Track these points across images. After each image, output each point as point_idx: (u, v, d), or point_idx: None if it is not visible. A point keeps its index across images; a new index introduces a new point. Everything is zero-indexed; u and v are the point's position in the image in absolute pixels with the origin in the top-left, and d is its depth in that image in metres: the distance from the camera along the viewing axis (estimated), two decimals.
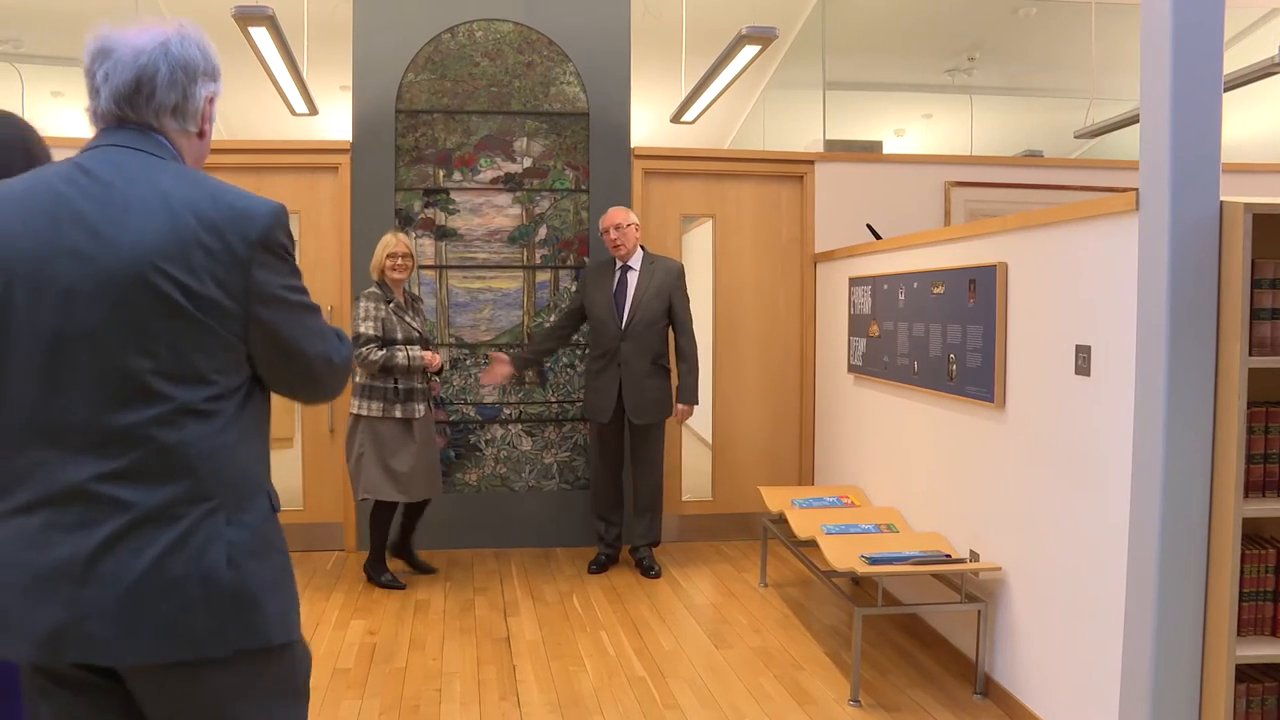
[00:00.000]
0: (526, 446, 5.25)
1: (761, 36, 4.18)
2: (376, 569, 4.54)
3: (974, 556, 3.48)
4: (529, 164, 5.21)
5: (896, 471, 4.21)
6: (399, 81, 5.09)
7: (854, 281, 4.71)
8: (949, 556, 3.46)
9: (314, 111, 5.37)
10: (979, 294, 3.42)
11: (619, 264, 4.72)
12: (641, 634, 3.94)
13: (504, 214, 5.21)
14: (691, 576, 4.76)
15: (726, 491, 5.51)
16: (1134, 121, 5.41)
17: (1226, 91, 2.62)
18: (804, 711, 3.21)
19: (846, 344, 4.82)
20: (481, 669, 3.57)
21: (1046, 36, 7.36)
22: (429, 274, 5.14)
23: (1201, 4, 2.29)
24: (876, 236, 5.02)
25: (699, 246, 6.23)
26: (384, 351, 4.30)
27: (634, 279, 4.69)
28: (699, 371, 4.73)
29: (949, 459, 3.70)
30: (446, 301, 5.17)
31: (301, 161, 5.11)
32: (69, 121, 7.66)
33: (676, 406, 4.72)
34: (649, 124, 7.53)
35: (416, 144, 5.14)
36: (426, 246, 5.12)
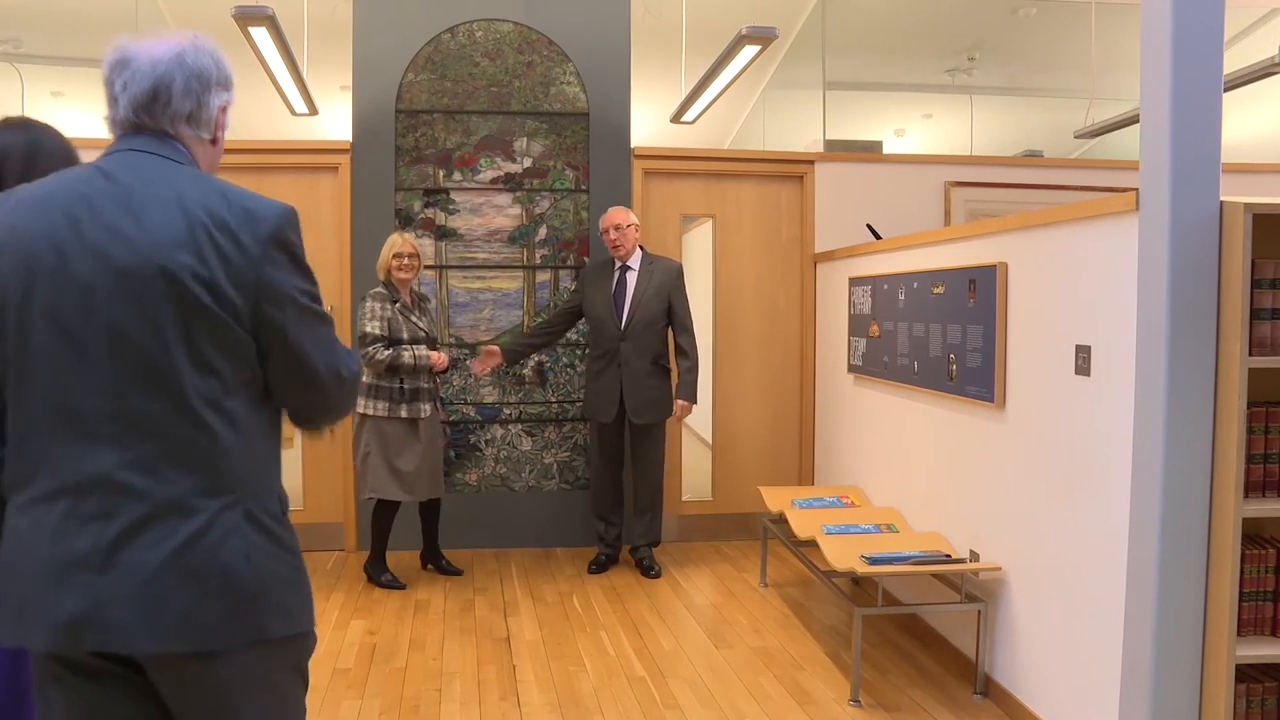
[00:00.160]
0: (526, 446, 5.25)
1: (761, 36, 4.18)
2: (377, 568, 4.54)
3: (974, 556, 3.48)
4: (529, 164, 5.21)
5: (896, 471, 4.21)
6: (399, 81, 5.09)
7: (854, 281, 4.71)
8: (949, 556, 3.46)
9: (314, 111, 5.37)
10: (979, 294, 3.42)
11: (618, 264, 4.72)
12: (641, 634, 3.94)
13: (504, 214, 5.21)
14: (691, 576, 4.76)
15: (726, 491, 5.51)
16: (1134, 121, 5.41)
17: (1226, 91, 2.62)
18: (804, 711, 3.21)
19: (846, 344, 4.82)
20: (481, 669, 3.57)
21: (1046, 36, 7.36)
22: (429, 274, 5.14)
23: (1201, 4, 2.29)
24: (876, 236, 5.02)
25: (699, 246, 6.23)
26: (390, 351, 4.31)
27: (633, 279, 4.69)
28: (699, 370, 4.73)
29: (949, 459, 3.70)
30: (446, 301, 5.17)
31: (301, 161, 5.11)
32: (68, 121, 7.66)
33: (675, 403, 4.71)
34: (649, 124, 7.52)
35: (416, 144, 5.14)
36: (426, 246, 5.12)
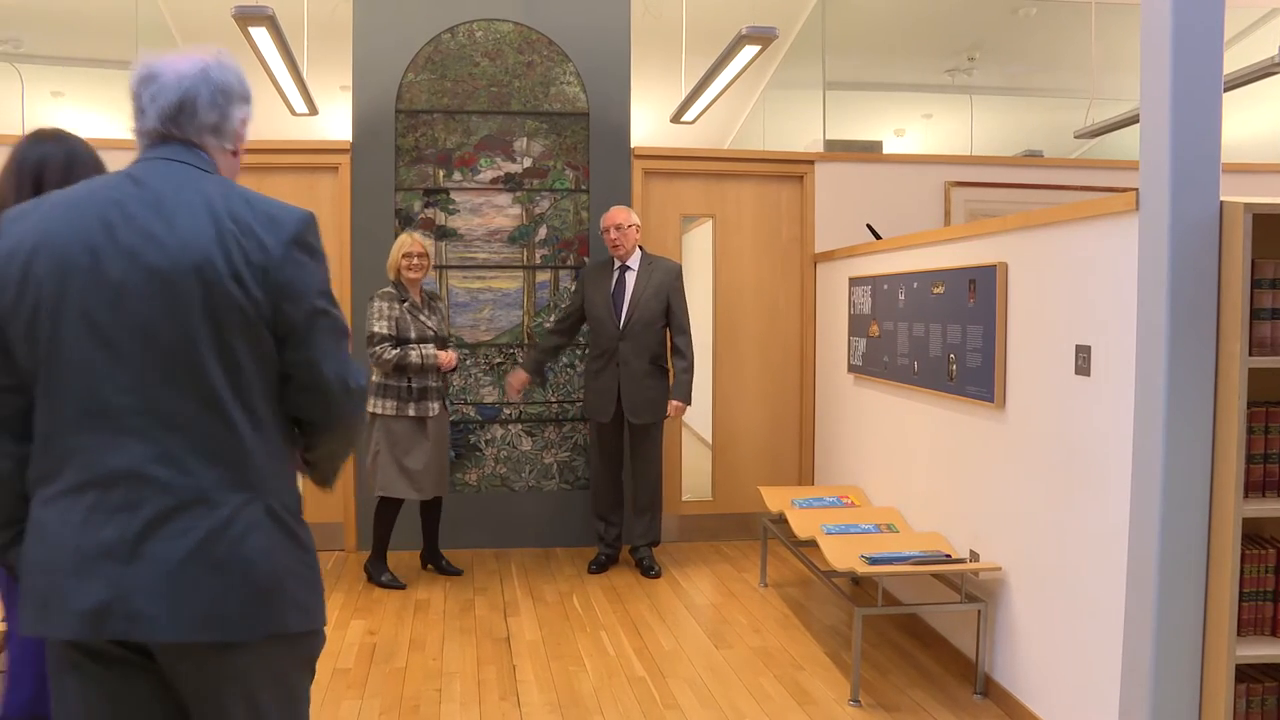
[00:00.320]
0: (526, 446, 5.25)
1: (761, 36, 4.18)
2: (377, 568, 4.54)
3: (974, 556, 3.48)
4: (529, 164, 5.21)
5: (896, 471, 4.21)
6: (399, 81, 5.09)
7: (854, 281, 4.71)
8: (949, 556, 3.46)
9: (314, 111, 5.37)
10: (979, 294, 3.42)
11: (617, 264, 4.72)
12: (641, 634, 3.94)
13: (504, 214, 5.21)
14: (691, 576, 4.76)
15: (726, 491, 5.51)
16: (1134, 121, 5.41)
17: (1226, 91, 2.62)
18: (804, 711, 3.21)
19: (846, 344, 4.82)
20: (481, 669, 3.57)
21: (1046, 36, 7.36)
22: (430, 274, 5.13)
23: (1201, 4, 2.29)
24: (876, 236, 5.02)
25: (699, 246, 6.23)
26: (398, 350, 4.33)
27: (632, 279, 4.69)
28: (694, 372, 4.73)
29: (949, 459, 3.70)
30: (447, 301, 5.17)
31: (301, 161, 5.11)
32: (68, 121, 7.66)
33: (670, 403, 4.71)
34: (649, 124, 7.52)
35: (416, 144, 5.14)
36: (426, 246, 5.11)
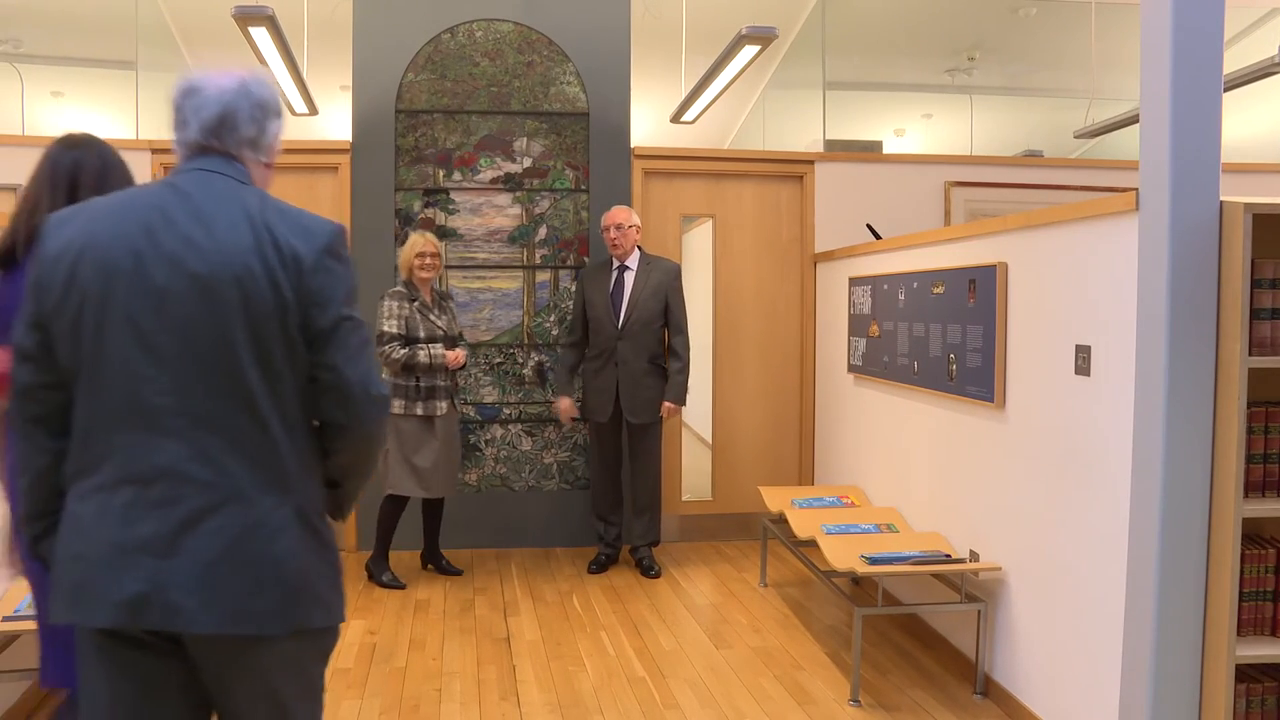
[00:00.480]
0: (526, 446, 5.25)
1: (761, 36, 4.18)
2: (379, 566, 4.55)
3: (974, 556, 3.48)
4: (529, 164, 5.21)
5: (896, 471, 4.21)
6: (399, 81, 5.09)
7: (854, 281, 4.71)
8: (949, 556, 3.46)
9: (314, 111, 5.37)
10: (979, 294, 3.42)
11: (616, 264, 4.72)
12: (641, 634, 3.94)
13: (504, 214, 5.21)
14: (691, 576, 4.76)
15: (726, 491, 5.51)
16: (1134, 121, 5.41)
17: (1226, 91, 2.62)
18: (804, 711, 3.21)
19: (846, 344, 4.81)
20: (481, 669, 3.57)
21: (1046, 36, 7.35)
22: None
23: (1201, 4, 2.29)
24: (876, 236, 5.02)
25: (699, 246, 6.23)
26: (406, 350, 4.34)
27: (631, 279, 4.69)
28: (690, 373, 4.73)
29: (949, 459, 3.70)
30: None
31: (301, 161, 5.11)
32: (68, 122, 7.66)
33: (663, 405, 4.70)
34: (649, 124, 7.52)
35: (416, 144, 5.14)
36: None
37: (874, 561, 3.37)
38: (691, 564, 4.98)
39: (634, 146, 5.29)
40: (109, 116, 7.44)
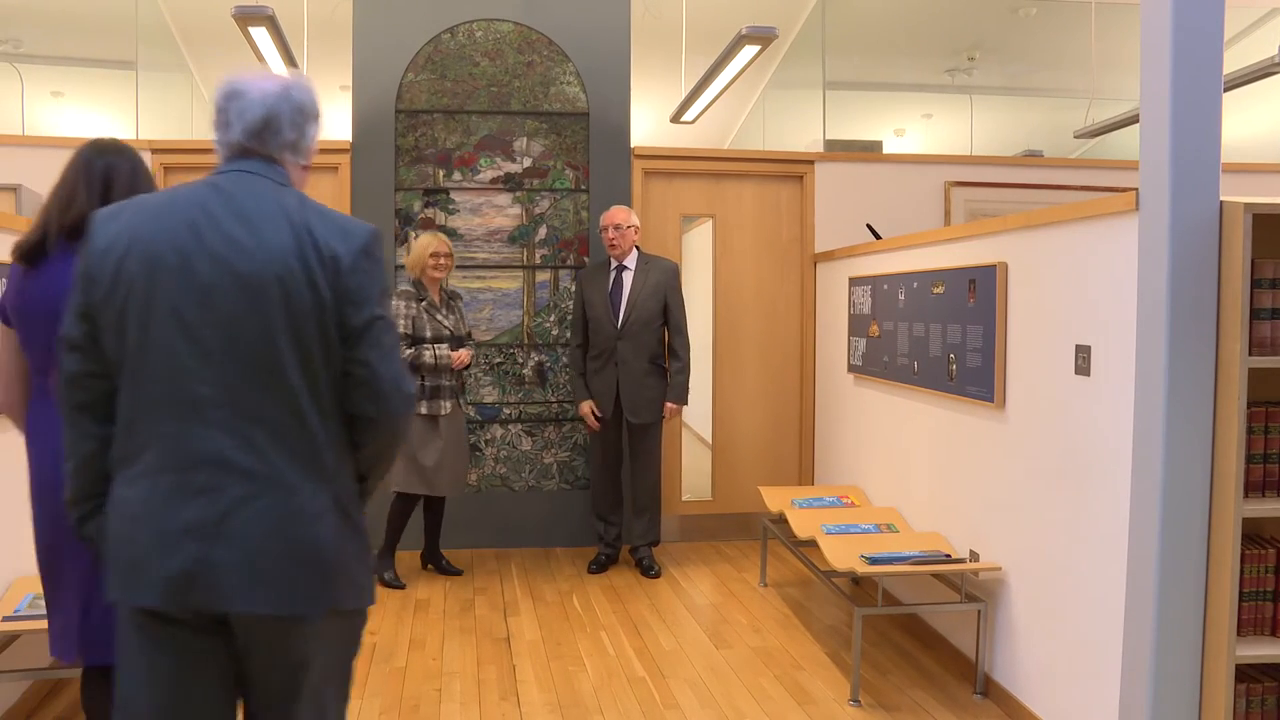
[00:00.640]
0: (526, 446, 5.25)
1: (761, 36, 4.19)
2: (384, 563, 4.56)
3: (974, 556, 3.48)
4: (529, 164, 5.21)
5: (896, 471, 4.21)
6: (399, 81, 5.09)
7: (854, 281, 4.71)
8: (949, 556, 3.46)
9: None
10: (979, 294, 3.42)
11: (614, 264, 4.72)
12: (641, 634, 3.94)
13: (504, 214, 5.21)
14: (691, 576, 4.76)
15: (726, 491, 5.51)
16: (1134, 121, 5.41)
17: (1226, 91, 2.63)
18: (804, 711, 3.21)
19: (846, 344, 4.82)
20: (481, 669, 3.58)
21: (1046, 36, 7.36)
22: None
23: (1201, 4, 2.29)
24: (876, 236, 5.02)
25: (699, 246, 6.23)
26: (412, 350, 4.36)
27: (629, 279, 4.69)
28: (690, 372, 4.73)
29: (949, 459, 3.70)
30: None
31: None
32: (68, 122, 7.67)
33: (665, 405, 4.71)
34: (649, 124, 7.52)
35: (416, 144, 5.14)
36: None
37: (874, 561, 3.37)
38: (691, 564, 4.98)
39: (634, 146, 5.29)
40: (109, 116, 7.44)
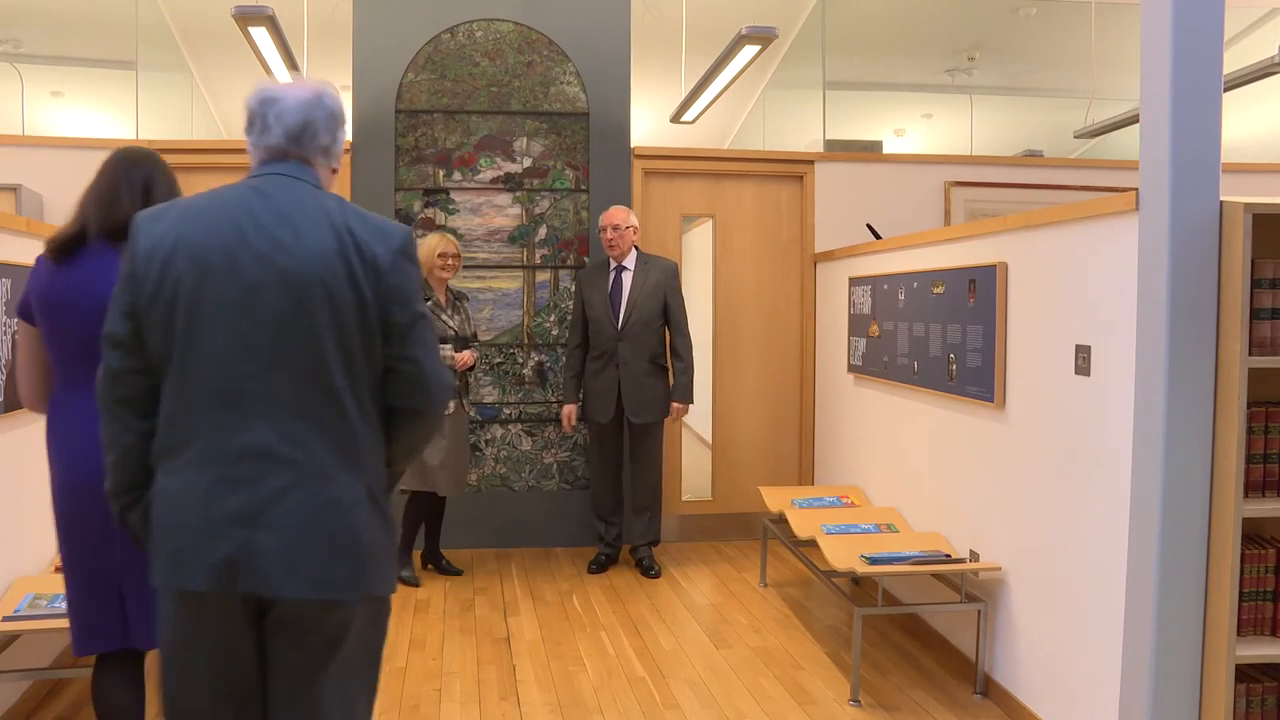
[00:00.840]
0: (526, 446, 5.25)
1: (761, 36, 4.19)
2: (400, 561, 4.56)
3: (974, 556, 3.48)
4: (529, 164, 5.21)
5: (896, 471, 4.21)
6: (399, 81, 5.09)
7: (854, 281, 4.71)
8: (949, 556, 3.46)
9: None
10: (979, 294, 3.42)
11: (613, 265, 4.72)
12: (641, 634, 3.94)
13: (504, 214, 5.21)
14: (691, 576, 4.76)
15: (726, 491, 5.51)
16: (1134, 121, 5.41)
17: (1226, 91, 2.63)
18: (804, 711, 3.21)
19: (846, 344, 4.82)
20: (481, 669, 3.58)
21: (1046, 36, 7.36)
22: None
23: (1201, 4, 2.29)
24: (876, 236, 5.02)
25: (699, 246, 6.23)
26: None
27: (629, 279, 4.69)
28: (694, 371, 4.73)
29: (949, 459, 3.70)
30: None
31: None
32: (68, 122, 7.67)
33: (671, 405, 4.71)
34: (649, 124, 7.53)
35: (416, 144, 5.14)
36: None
37: (874, 561, 3.37)
38: (691, 564, 4.98)
39: (634, 146, 5.29)
40: (109, 116, 7.44)
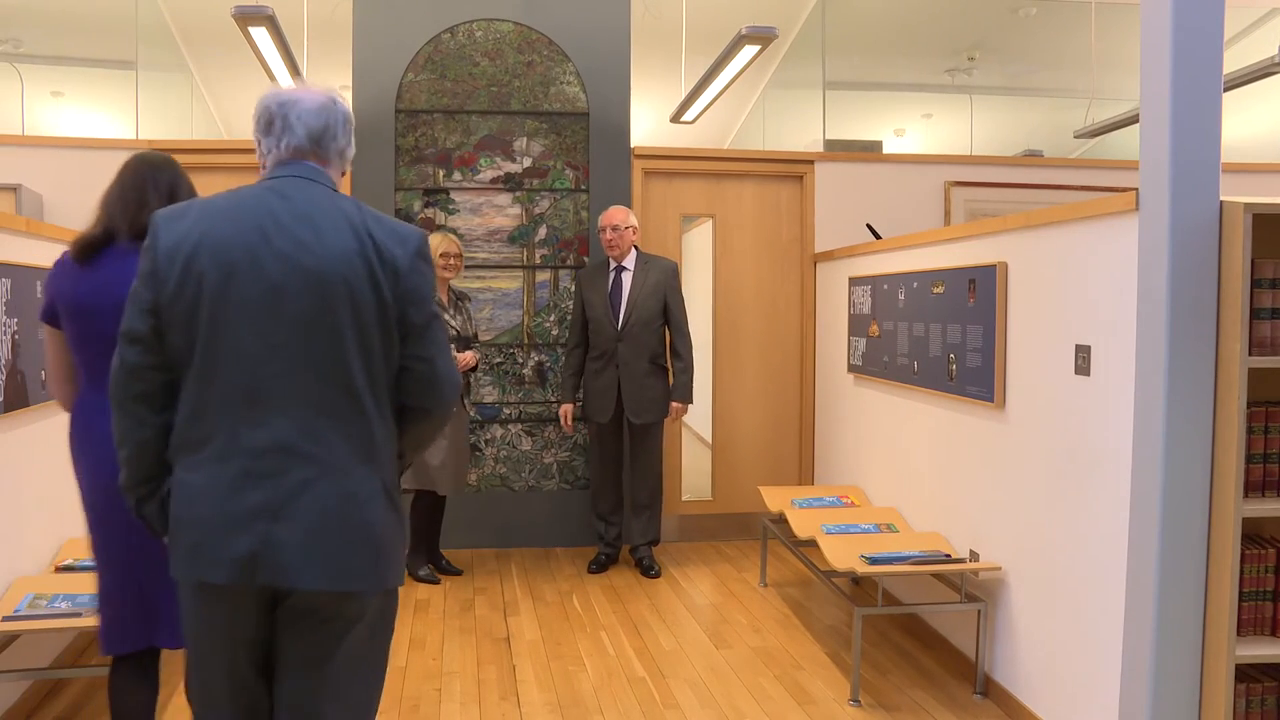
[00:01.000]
0: (526, 446, 5.25)
1: (761, 36, 4.19)
2: (414, 562, 4.59)
3: (974, 556, 3.48)
4: (529, 164, 5.21)
5: (896, 471, 4.21)
6: (399, 81, 5.09)
7: (854, 281, 4.71)
8: (949, 556, 3.46)
9: None
10: (979, 294, 3.42)
11: (613, 265, 4.72)
12: (641, 634, 3.94)
13: (504, 214, 5.21)
14: (691, 576, 4.76)
15: (726, 491, 5.51)
16: (1134, 121, 5.41)
17: (1226, 91, 2.63)
18: (804, 711, 3.21)
19: (846, 344, 4.82)
20: (481, 669, 3.58)
21: (1046, 36, 7.36)
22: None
23: (1201, 4, 2.29)
24: (876, 236, 5.02)
25: (699, 246, 6.23)
26: None
27: (628, 280, 4.68)
28: (694, 370, 4.73)
29: (949, 459, 3.70)
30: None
31: None
32: (68, 122, 7.67)
33: (671, 405, 4.71)
34: (649, 124, 7.53)
35: (416, 144, 5.14)
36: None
37: (874, 561, 3.37)
38: (691, 564, 4.98)
39: (634, 146, 5.29)
40: (109, 116, 7.44)
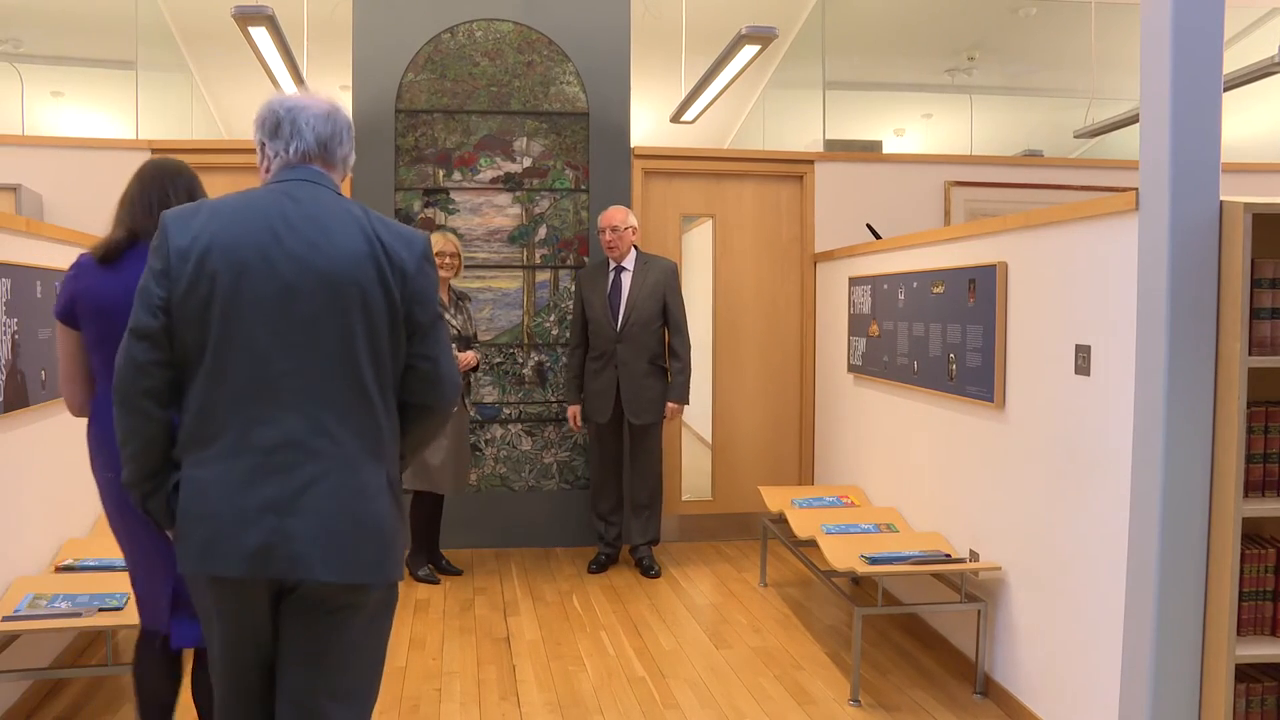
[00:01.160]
0: (526, 446, 5.25)
1: (761, 36, 4.19)
2: (415, 562, 4.59)
3: (974, 556, 3.48)
4: (529, 164, 5.21)
5: (896, 471, 4.21)
6: (399, 81, 5.09)
7: (854, 281, 4.71)
8: (949, 556, 3.46)
9: None
10: (979, 294, 3.42)
11: (613, 265, 4.72)
12: (641, 634, 3.94)
13: (504, 214, 5.21)
14: (691, 576, 4.76)
15: (726, 491, 5.51)
16: (1134, 121, 5.41)
17: (1226, 91, 2.63)
18: (804, 711, 3.21)
19: (846, 344, 4.82)
20: (481, 669, 3.58)
21: (1046, 36, 7.36)
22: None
23: (1201, 4, 2.29)
24: (876, 236, 5.02)
25: (699, 246, 6.23)
26: None
27: (628, 280, 4.68)
28: (691, 371, 4.72)
29: (949, 459, 3.70)
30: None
31: None
32: (68, 122, 7.67)
33: (666, 405, 4.70)
34: (649, 124, 7.53)
35: (416, 144, 5.14)
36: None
37: (874, 561, 3.37)
38: (691, 564, 4.98)
39: (634, 146, 5.29)
40: (109, 116, 7.44)
